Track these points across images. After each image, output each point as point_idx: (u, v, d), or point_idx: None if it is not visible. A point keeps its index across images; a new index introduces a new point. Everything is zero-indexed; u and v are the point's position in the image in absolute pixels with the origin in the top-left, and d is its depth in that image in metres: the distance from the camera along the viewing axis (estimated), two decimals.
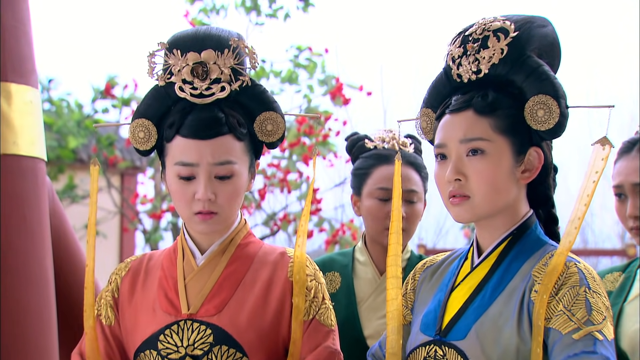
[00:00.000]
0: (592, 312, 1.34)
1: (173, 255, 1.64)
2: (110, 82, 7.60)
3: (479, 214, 1.46)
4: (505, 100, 1.45)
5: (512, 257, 1.46)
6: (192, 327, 1.54)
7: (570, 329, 1.33)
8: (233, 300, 1.57)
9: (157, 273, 1.62)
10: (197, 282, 1.59)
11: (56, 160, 7.70)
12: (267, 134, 1.60)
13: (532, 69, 1.44)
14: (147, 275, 1.64)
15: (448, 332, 1.45)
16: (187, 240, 1.63)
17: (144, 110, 1.58)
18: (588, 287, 1.37)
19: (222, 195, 1.55)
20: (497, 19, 1.48)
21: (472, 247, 1.54)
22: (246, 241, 1.65)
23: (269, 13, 7.27)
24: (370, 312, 2.05)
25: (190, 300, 1.57)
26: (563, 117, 1.43)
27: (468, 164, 1.45)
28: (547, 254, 1.44)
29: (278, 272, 1.61)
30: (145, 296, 1.61)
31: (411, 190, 2.03)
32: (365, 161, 2.10)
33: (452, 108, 1.48)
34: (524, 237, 1.47)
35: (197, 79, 1.54)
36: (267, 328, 1.56)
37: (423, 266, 1.64)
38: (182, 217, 1.59)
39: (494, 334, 1.39)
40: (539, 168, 1.47)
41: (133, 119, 1.59)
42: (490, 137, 1.44)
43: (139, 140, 1.58)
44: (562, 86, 1.45)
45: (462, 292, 1.48)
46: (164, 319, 1.56)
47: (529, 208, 1.51)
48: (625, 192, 1.90)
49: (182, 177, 1.54)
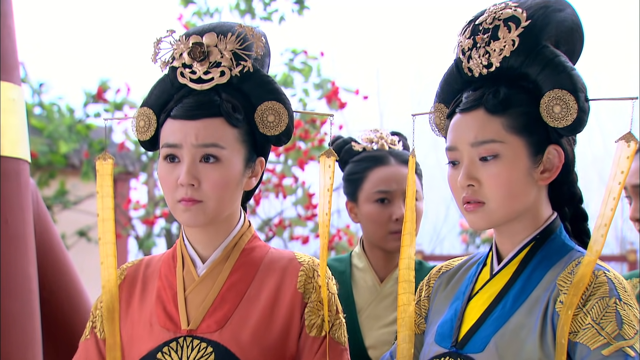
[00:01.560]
0: (623, 325, 1.23)
1: (172, 263, 1.52)
2: (103, 86, 7.54)
3: (495, 221, 1.36)
4: (519, 96, 1.35)
5: (535, 264, 1.36)
6: (192, 344, 1.42)
7: (599, 344, 1.23)
8: (236, 314, 1.45)
9: (155, 282, 1.51)
10: (198, 294, 1.46)
11: (47, 165, 7.62)
12: (269, 125, 1.48)
13: (547, 60, 1.33)
14: (145, 284, 1.52)
15: (465, 344, 1.35)
16: (187, 247, 1.51)
17: (147, 99, 1.51)
18: (619, 299, 1.26)
19: (206, 182, 1.42)
20: (509, 6, 1.38)
21: (490, 253, 1.44)
22: (251, 245, 1.52)
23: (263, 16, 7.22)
24: (371, 321, 1.97)
25: (191, 314, 1.45)
26: (583, 113, 1.33)
27: (481, 168, 1.35)
28: (573, 261, 1.34)
29: (287, 281, 1.47)
30: (143, 308, 1.49)
31: None
32: (358, 165, 2.02)
33: (462, 107, 1.38)
34: (548, 243, 1.37)
35: (195, 61, 1.45)
36: (273, 345, 1.43)
37: (438, 272, 1.53)
38: (169, 207, 1.48)
39: (515, 347, 1.29)
40: (559, 167, 1.36)
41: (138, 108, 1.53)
42: (503, 139, 1.34)
43: (139, 130, 1.50)
44: (582, 78, 1.34)
45: (480, 302, 1.38)
46: (162, 335, 1.44)
47: (551, 211, 1.41)
48: (629, 194, 1.83)
49: (167, 159, 1.45)
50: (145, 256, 1.61)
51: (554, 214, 1.41)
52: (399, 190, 1.95)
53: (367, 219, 1.98)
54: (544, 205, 1.39)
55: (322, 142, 5.91)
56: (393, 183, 1.95)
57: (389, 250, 1.98)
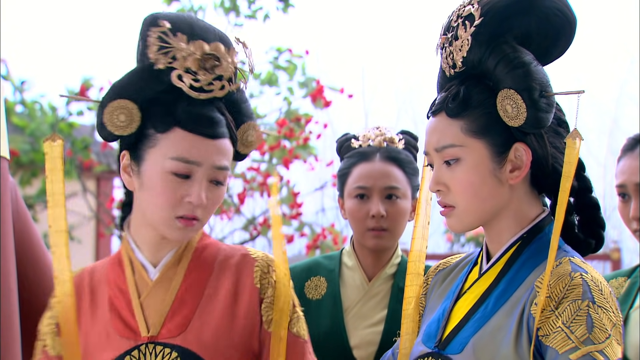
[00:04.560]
0: (593, 329, 1.20)
1: (119, 269, 1.47)
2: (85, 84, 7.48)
3: (469, 223, 1.35)
4: (480, 96, 1.32)
5: (520, 264, 1.33)
6: (155, 350, 1.39)
7: (567, 348, 1.20)
8: (197, 315, 1.42)
9: (104, 291, 1.46)
10: (153, 299, 1.43)
11: (29, 164, 7.56)
12: (247, 144, 1.49)
13: (500, 58, 1.30)
14: (94, 293, 1.47)
15: (447, 345, 1.33)
16: (135, 252, 1.46)
17: (124, 91, 1.41)
18: (592, 301, 1.22)
19: (210, 202, 1.41)
20: (472, 2, 1.34)
21: (481, 252, 1.42)
22: (202, 244, 1.50)
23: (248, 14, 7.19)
24: (357, 320, 1.95)
25: (149, 320, 1.41)
26: (535, 110, 1.28)
27: (447, 172, 1.33)
28: (555, 261, 1.29)
29: (243, 277, 1.46)
30: (95, 318, 1.44)
31: (390, 186, 1.93)
32: (347, 161, 2.01)
33: (430, 110, 1.38)
34: (535, 242, 1.34)
35: (203, 71, 1.40)
36: (238, 342, 1.42)
37: (436, 269, 1.52)
38: (155, 218, 1.41)
39: (491, 350, 1.27)
40: (528, 165, 1.33)
41: (109, 98, 1.41)
42: (462, 142, 1.32)
43: (117, 124, 1.40)
44: (537, 73, 1.29)
45: (467, 302, 1.36)
46: (121, 344, 1.40)
47: (541, 208, 1.38)
48: (629, 192, 1.80)
49: (178, 174, 1.39)
50: (86, 266, 1.55)
51: (543, 212, 1.38)
52: (376, 186, 1.93)
53: (349, 215, 1.97)
54: (527, 204, 1.37)
55: (307, 141, 5.89)
56: (371, 179, 1.94)
57: (369, 247, 1.96)
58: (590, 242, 1.38)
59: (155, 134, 1.40)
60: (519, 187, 1.35)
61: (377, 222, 1.92)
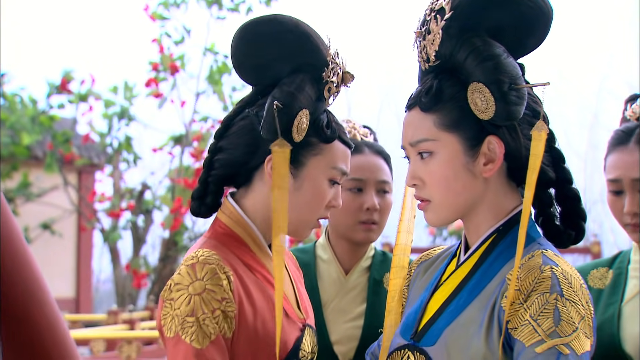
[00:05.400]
0: (560, 322, 1.19)
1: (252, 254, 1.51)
2: (66, 77, 7.43)
3: (445, 217, 1.35)
4: (452, 90, 1.31)
5: (495, 256, 1.33)
6: (310, 332, 1.52)
7: (533, 341, 1.19)
8: (305, 299, 1.57)
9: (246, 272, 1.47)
10: (286, 285, 1.53)
11: (9, 157, 7.50)
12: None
13: (469, 51, 1.29)
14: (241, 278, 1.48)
15: (422, 337, 1.33)
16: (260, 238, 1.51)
17: (307, 100, 1.45)
18: (560, 295, 1.21)
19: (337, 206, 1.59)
20: None
21: (460, 244, 1.41)
22: None
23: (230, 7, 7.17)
24: (336, 314, 1.93)
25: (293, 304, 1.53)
26: (504, 103, 1.27)
27: (422, 166, 1.34)
28: (528, 254, 1.29)
29: (293, 266, 1.64)
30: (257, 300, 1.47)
31: (384, 180, 1.93)
32: None
33: (406, 105, 1.38)
34: (510, 234, 1.33)
35: (340, 86, 1.50)
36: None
37: (418, 261, 1.51)
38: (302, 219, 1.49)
39: (462, 342, 1.26)
40: (501, 158, 1.32)
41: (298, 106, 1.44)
42: (435, 136, 1.31)
43: (301, 130, 1.45)
44: (506, 66, 1.28)
45: (442, 293, 1.35)
46: (296, 326, 1.50)
47: (519, 201, 1.37)
48: (623, 187, 1.78)
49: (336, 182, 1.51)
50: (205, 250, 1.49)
51: (521, 204, 1.36)
52: (372, 179, 1.93)
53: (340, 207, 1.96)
54: (504, 197, 1.36)
55: None
56: (367, 172, 1.93)
57: (356, 241, 1.95)
58: (571, 233, 1.38)
59: (319, 143, 1.48)
60: (495, 180, 1.34)
61: (371, 215, 1.91)
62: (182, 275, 1.39)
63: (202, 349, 1.35)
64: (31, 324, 1.89)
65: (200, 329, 1.36)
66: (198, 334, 1.36)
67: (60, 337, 1.87)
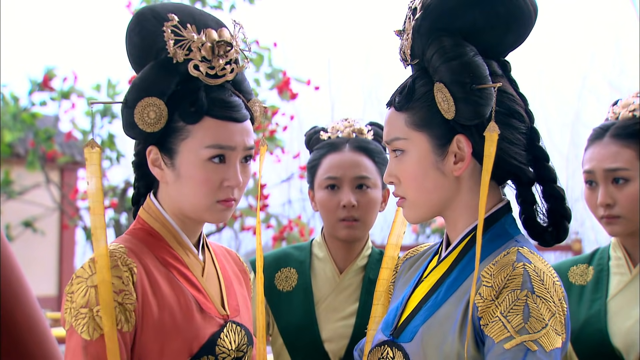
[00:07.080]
0: (530, 319, 1.21)
1: (166, 249, 1.47)
2: (49, 74, 7.37)
3: (421, 214, 1.37)
4: (421, 90, 1.33)
5: (472, 254, 1.33)
6: (235, 329, 1.48)
7: (502, 338, 1.20)
8: (239, 298, 1.54)
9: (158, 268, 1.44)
10: (210, 281, 1.50)
11: None
12: (255, 120, 1.54)
13: (434, 51, 1.30)
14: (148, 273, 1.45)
15: (400, 333, 1.34)
16: (180, 234, 1.49)
17: (149, 88, 1.42)
18: (531, 291, 1.23)
19: (244, 181, 1.48)
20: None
21: (442, 241, 1.42)
22: None
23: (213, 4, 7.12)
24: (329, 312, 1.94)
25: (215, 300, 1.49)
26: (465, 102, 1.28)
27: (396, 165, 1.36)
28: (503, 251, 1.31)
29: (235, 267, 1.62)
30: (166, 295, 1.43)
31: (361, 176, 1.93)
32: (317, 152, 2.00)
33: (387, 103, 1.40)
34: (488, 232, 1.34)
35: (217, 58, 1.45)
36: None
37: (404, 257, 1.53)
38: (196, 206, 1.44)
39: (437, 339, 1.28)
40: (470, 157, 1.33)
41: (135, 98, 1.42)
42: (406, 135, 1.34)
43: (148, 122, 1.42)
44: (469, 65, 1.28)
45: (422, 290, 1.37)
46: (213, 321, 1.46)
47: (499, 199, 1.38)
48: (596, 178, 1.82)
49: (213, 158, 1.44)
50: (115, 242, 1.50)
51: (501, 202, 1.37)
52: (347, 176, 1.93)
53: (320, 206, 1.96)
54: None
55: (274, 133, 5.87)
56: (341, 169, 1.94)
57: (341, 238, 1.96)
58: (553, 232, 1.38)
59: (186, 126, 1.44)
60: (468, 178, 1.35)
61: (349, 212, 1.91)
62: (84, 269, 1.39)
63: (91, 340, 1.33)
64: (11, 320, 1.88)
65: (92, 320, 1.34)
66: (89, 326, 1.34)
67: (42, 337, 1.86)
